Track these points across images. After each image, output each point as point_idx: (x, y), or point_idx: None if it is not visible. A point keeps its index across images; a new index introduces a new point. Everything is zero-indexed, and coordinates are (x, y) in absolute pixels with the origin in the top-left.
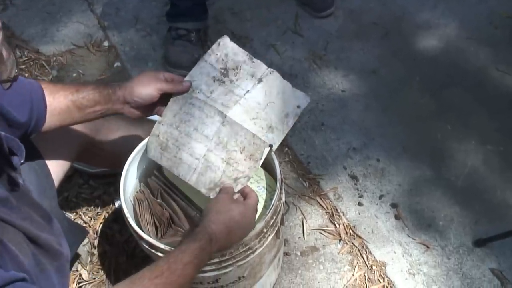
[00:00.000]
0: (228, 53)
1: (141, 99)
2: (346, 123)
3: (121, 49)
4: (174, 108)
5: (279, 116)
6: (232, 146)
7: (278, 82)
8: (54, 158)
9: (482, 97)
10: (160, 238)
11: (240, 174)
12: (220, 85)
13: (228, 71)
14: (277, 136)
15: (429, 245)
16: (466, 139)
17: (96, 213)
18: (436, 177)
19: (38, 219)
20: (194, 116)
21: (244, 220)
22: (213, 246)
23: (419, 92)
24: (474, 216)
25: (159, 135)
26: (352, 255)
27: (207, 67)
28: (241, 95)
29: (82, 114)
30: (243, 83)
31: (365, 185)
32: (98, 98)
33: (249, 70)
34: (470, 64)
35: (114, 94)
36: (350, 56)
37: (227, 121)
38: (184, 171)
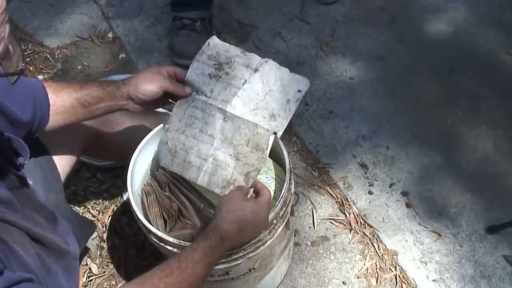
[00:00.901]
0: (219, 51)
1: (145, 95)
2: (355, 111)
3: (125, 40)
4: (179, 113)
5: (280, 103)
6: (237, 141)
7: (274, 69)
8: (60, 152)
9: (492, 82)
10: (169, 231)
11: (250, 168)
12: (217, 80)
13: (222, 64)
14: (281, 123)
15: (440, 233)
16: (476, 124)
17: (104, 206)
18: (446, 163)
19: (42, 221)
20: (197, 118)
21: (256, 219)
22: (225, 244)
23: (428, 77)
24: (486, 202)
25: (168, 142)
26: (363, 245)
27: (200, 66)
28: (240, 86)
29: (86, 112)
30: (239, 73)
31: (375, 173)
32: (102, 95)
33: (243, 62)
34: (479, 49)
35: (118, 90)
36: (357, 42)
37: (228, 116)
38: (194, 174)
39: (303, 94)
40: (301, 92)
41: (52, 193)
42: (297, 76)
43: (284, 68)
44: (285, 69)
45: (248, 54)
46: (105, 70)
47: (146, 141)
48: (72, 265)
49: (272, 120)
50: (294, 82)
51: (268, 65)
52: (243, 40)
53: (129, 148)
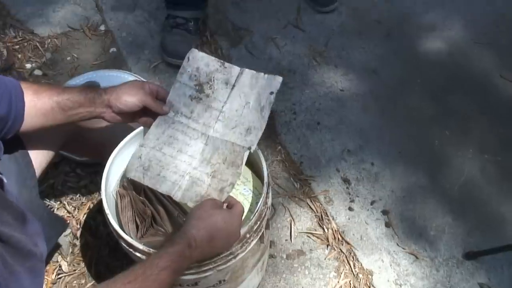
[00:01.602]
0: (199, 66)
1: (125, 106)
2: (343, 124)
3: (117, 34)
4: (157, 132)
5: (256, 114)
6: (215, 160)
7: (249, 78)
8: (37, 147)
9: (483, 103)
10: (140, 237)
11: (225, 183)
12: (198, 102)
13: (203, 85)
14: (255, 135)
15: (418, 256)
16: (464, 146)
17: (81, 203)
18: (431, 184)
19: (10, 220)
20: (177, 139)
21: (227, 228)
22: (193, 252)
23: (419, 95)
24: (466, 227)
25: (141, 157)
26: (339, 261)
27: (182, 88)
28: (219, 108)
29: (65, 116)
30: (219, 94)
31: (357, 189)
32: (82, 100)
33: (222, 78)
34: (473, 69)
35: (99, 97)
36: (351, 54)
37: (209, 140)
38: (168, 188)
39: (274, 95)
40: (273, 94)
41: (25, 189)
42: (270, 76)
43: (259, 73)
44: (259, 74)
45: (228, 66)
46: (95, 63)
47: (125, 143)
48: (38, 267)
49: (247, 135)
50: (268, 84)
51: (244, 76)
52: (236, 43)
53: (109, 147)
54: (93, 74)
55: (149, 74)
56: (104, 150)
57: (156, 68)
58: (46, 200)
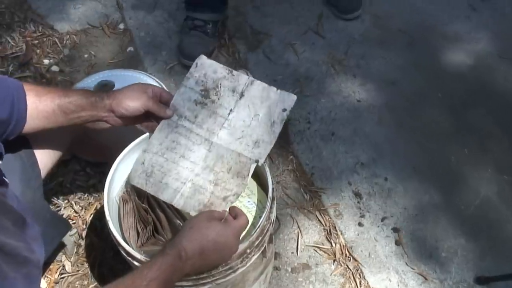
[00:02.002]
0: (207, 72)
1: (127, 111)
2: (358, 135)
3: (136, 33)
4: (160, 136)
5: (265, 128)
6: (219, 168)
7: (259, 90)
8: (44, 147)
9: (505, 122)
10: (140, 245)
11: (229, 192)
12: (203, 107)
13: (209, 91)
14: (264, 149)
15: (427, 277)
16: (482, 165)
17: (88, 203)
18: (444, 203)
19: (9, 225)
20: (180, 144)
21: (221, 241)
22: (184, 264)
23: (439, 109)
24: (479, 250)
25: (144, 163)
26: (344, 278)
27: (187, 92)
28: (225, 115)
29: (66, 119)
30: (225, 101)
31: (369, 204)
32: (84, 104)
33: (230, 85)
34: (497, 85)
35: (101, 101)
36: (370, 63)
37: (213, 146)
38: (170, 195)
39: (287, 113)
40: (286, 111)
41: (29, 189)
42: (284, 93)
43: (271, 87)
44: (271, 88)
45: (236, 74)
46: (111, 62)
47: (130, 148)
48: (34, 273)
49: (255, 148)
50: (280, 100)
51: (254, 87)
52: (254, 47)
53: (116, 150)
54: (108, 73)
55: (164, 75)
56: (110, 153)
57: (172, 69)
58: (53, 199)
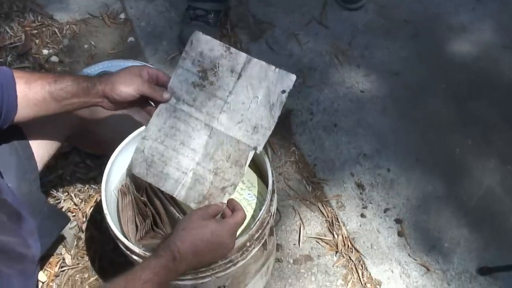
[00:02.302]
0: (203, 51)
1: (121, 97)
2: (361, 126)
3: (137, 23)
4: (159, 122)
5: (265, 112)
6: (218, 156)
7: (257, 69)
8: (40, 139)
9: (509, 113)
10: (139, 239)
11: (227, 182)
12: (201, 90)
13: (207, 72)
14: (262, 135)
15: (429, 268)
16: (486, 156)
17: (88, 195)
18: (448, 194)
19: (4, 220)
20: (179, 130)
21: (215, 240)
22: (178, 264)
23: (443, 100)
24: (482, 241)
25: (144, 151)
26: (347, 269)
27: (184, 74)
28: (224, 98)
29: (58, 106)
30: (223, 82)
31: (371, 195)
32: (76, 90)
33: (228, 65)
34: (502, 76)
35: (94, 87)
36: (374, 54)
37: (214, 132)
38: (171, 186)
39: (286, 95)
40: (285, 92)
41: (25, 182)
42: (282, 72)
43: (270, 65)
44: (269, 66)
45: (234, 52)
46: (111, 52)
47: (128, 140)
48: (29, 269)
49: (254, 133)
50: (279, 80)
51: (251, 65)
52: (257, 38)
53: (114, 143)
54: (108, 64)
55: (165, 65)
56: (109, 146)
57: (173, 60)
58: (53, 191)
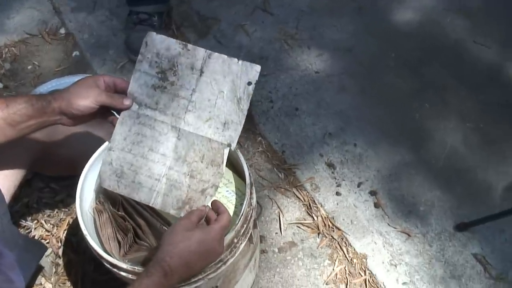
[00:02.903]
0: (159, 51)
1: (79, 111)
2: (321, 107)
3: (79, 36)
4: (123, 130)
5: (232, 106)
6: (191, 158)
7: (220, 64)
8: (3, 170)
9: (460, 72)
10: (123, 254)
11: (206, 184)
12: (162, 92)
13: (166, 72)
14: (234, 130)
15: (410, 233)
16: (445, 117)
17: (59, 219)
18: (415, 160)
19: None
20: (146, 136)
21: (203, 249)
22: (170, 279)
23: (395, 70)
24: (455, 199)
25: (112, 162)
26: (331, 249)
27: (143, 77)
28: (188, 97)
29: (15, 131)
30: (185, 81)
31: (343, 173)
32: (31, 112)
33: (187, 62)
34: (446, 38)
35: (49, 106)
36: (323, 33)
37: (182, 133)
38: (146, 195)
39: (253, 86)
40: (251, 84)
41: None
42: (246, 63)
43: (232, 58)
44: (231, 59)
45: (191, 48)
46: (58, 70)
47: (97, 155)
48: None
49: (225, 130)
50: (244, 72)
51: (213, 60)
52: (204, 34)
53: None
54: (57, 82)
55: (116, 74)
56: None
57: (123, 68)
58: (22, 221)
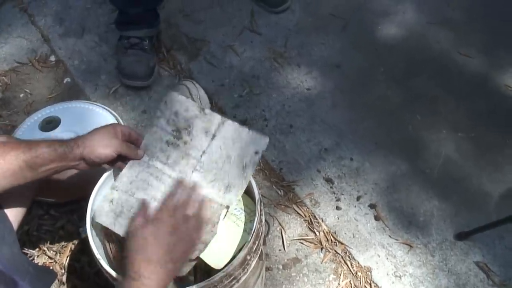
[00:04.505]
0: (178, 111)
1: (100, 159)
2: (315, 123)
3: (69, 63)
4: (131, 174)
5: (237, 171)
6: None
7: (231, 131)
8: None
9: (447, 83)
10: None
11: (197, 240)
12: (175, 148)
13: (181, 131)
14: (235, 194)
15: (412, 244)
16: (437, 128)
17: (61, 246)
18: (411, 171)
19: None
20: (152, 185)
21: (159, 240)
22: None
23: (385, 83)
24: (453, 208)
25: (113, 201)
26: (336, 263)
27: (158, 132)
28: (198, 157)
29: (34, 174)
30: (197, 142)
31: (341, 187)
32: (53, 156)
33: (202, 126)
34: (432, 50)
35: (71, 152)
36: (311, 51)
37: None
38: None
39: (259, 156)
40: (258, 154)
41: (6, 246)
42: (255, 134)
43: (243, 127)
44: (243, 129)
45: (208, 113)
46: (50, 97)
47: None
48: None
49: (227, 192)
50: (252, 142)
51: (225, 127)
52: (194, 56)
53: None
54: (51, 109)
55: (109, 100)
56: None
57: (116, 93)
58: (24, 249)
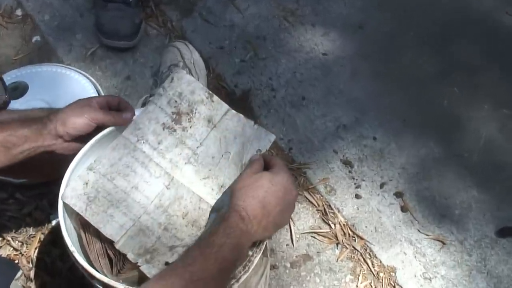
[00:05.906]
0: (183, 92)
1: (76, 129)
2: (332, 95)
3: (39, 18)
4: (113, 156)
5: (234, 170)
6: (173, 211)
7: (234, 123)
8: None
9: (491, 49)
10: (116, 273)
11: (178, 242)
12: (170, 134)
13: (181, 116)
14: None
15: (445, 241)
16: (477, 103)
17: (28, 235)
18: (446, 154)
19: None
20: (135, 172)
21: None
22: (249, 224)
23: (416, 49)
24: (495, 199)
25: (88, 184)
26: (353, 262)
27: (156, 111)
28: (194, 148)
29: (8, 157)
30: (197, 132)
31: (362, 171)
32: (27, 133)
33: (206, 114)
34: (474, 10)
35: (45, 127)
36: (328, 8)
37: (173, 183)
38: (114, 231)
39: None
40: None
41: None
42: (261, 130)
43: (248, 120)
44: (249, 122)
45: (216, 101)
46: (16, 58)
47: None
48: None
49: (219, 193)
50: (256, 138)
51: (227, 118)
52: (188, 12)
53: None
54: (17, 73)
55: (86, 63)
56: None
57: (94, 55)
58: None
